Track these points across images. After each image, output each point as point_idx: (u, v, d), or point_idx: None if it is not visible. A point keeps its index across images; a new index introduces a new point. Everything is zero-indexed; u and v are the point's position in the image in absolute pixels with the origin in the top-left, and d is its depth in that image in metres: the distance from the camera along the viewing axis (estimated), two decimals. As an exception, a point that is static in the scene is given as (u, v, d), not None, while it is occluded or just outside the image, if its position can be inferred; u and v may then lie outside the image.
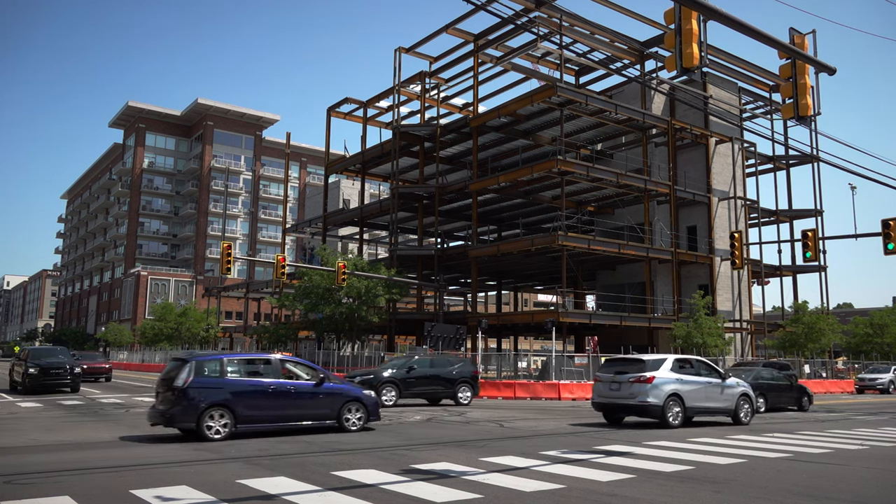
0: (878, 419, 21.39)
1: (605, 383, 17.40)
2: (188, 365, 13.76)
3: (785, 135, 51.79)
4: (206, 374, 13.88)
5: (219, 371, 14.08)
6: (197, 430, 13.35)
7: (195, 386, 13.53)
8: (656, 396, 16.40)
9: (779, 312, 53.68)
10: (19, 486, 8.52)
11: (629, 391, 16.71)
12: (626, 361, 18.03)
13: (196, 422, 13.33)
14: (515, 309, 77.03)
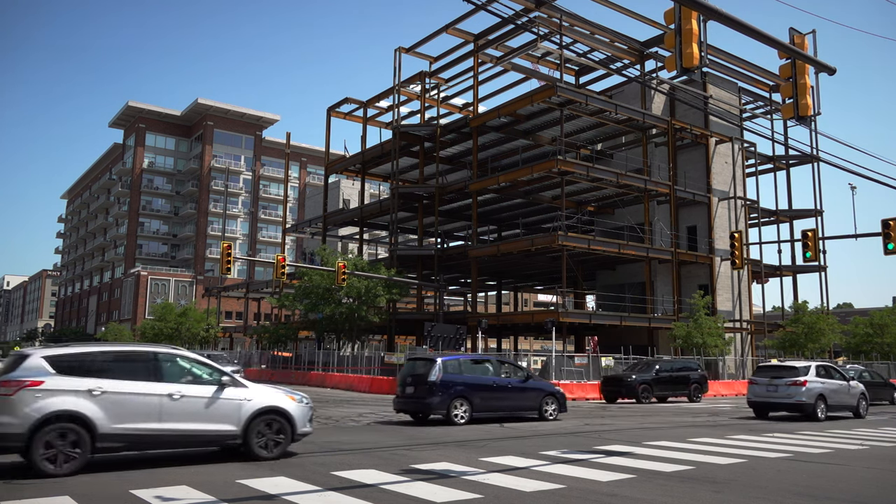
0: (878, 419, 21.40)
1: (762, 386, 20.90)
2: (437, 364, 17.12)
3: (785, 135, 51.81)
4: (450, 371, 17.22)
5: (459, 369, 17.55)
6: (447, 416, 16.81)
7: (445, 380, 16.94)
8: (808, 396, 19.88)
9: (779, 312, 53.68)
10: (19, 486, 8.52)
11: (786, 392, 20.24)
12: (779, 368, 21.46)
13: (446, 409, 16.76)
14: (515, 309, 77.03)
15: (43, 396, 9.41)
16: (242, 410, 10.83)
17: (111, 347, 10.73)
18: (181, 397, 10.33)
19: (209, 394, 10.60)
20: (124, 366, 10.31)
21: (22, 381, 9.41)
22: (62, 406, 9.45)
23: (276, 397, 11.33)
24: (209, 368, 10.96)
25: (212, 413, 10.56)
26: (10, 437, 9.10)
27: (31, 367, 9.64)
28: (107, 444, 9.76)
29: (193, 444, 10.72)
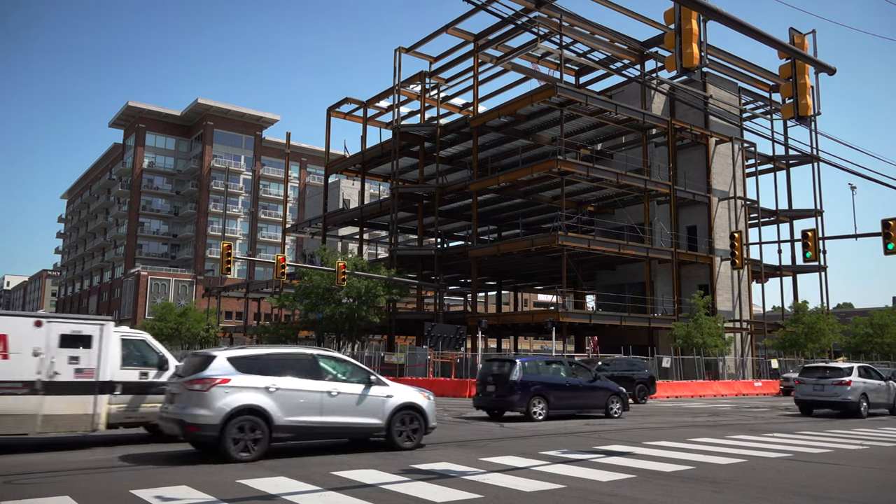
0: (878, 419, 21.41)
1: (809, 385, 22.78)
2: (517, 364, 18.70)
3: (785, 135, 51.81)
4: (528, 371, 18.81)
5: (536, 369, 19.19)
6: (526, 413, 18.29)
7: (525, 380, 18.50)
8: (854, 395, 21.68)
9: (779, 312, 53.68)
10: (19, 486, 8.52)
11: (832, 391, 22.07)
12: (825, 369, 23.02)
13: (526, 407, 18.24)
14: (515, 309, 77.01)
15: (230, 392, 10.81)
16: (386, 406, 12.21)
17: (278, 349, 12.32)
18: (338, 394, 11.76)
19: (359, 391, 12.02)
20: (290, 365, 11.67)
21: (214, 378, 10.77)
22: (246, 401, 10.85)
23: (412, 395, 12.72)
24: (358, 368, 12.51)
25: (362, 408, 12.01)
26: (207, 427, 10.52)
27: (218, 367, 10.97)
28: (280, 435, 11.21)
29: (346, 435, 12.27)
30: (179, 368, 11.89)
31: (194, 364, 11.33)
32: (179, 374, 11.52)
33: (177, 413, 10.84)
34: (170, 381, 11.92)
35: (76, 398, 11.96)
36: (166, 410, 11.29)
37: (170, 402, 11.32)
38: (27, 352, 11.59)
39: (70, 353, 11.96)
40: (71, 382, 11.92)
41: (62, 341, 11.95)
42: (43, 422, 11.61)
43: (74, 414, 11.95)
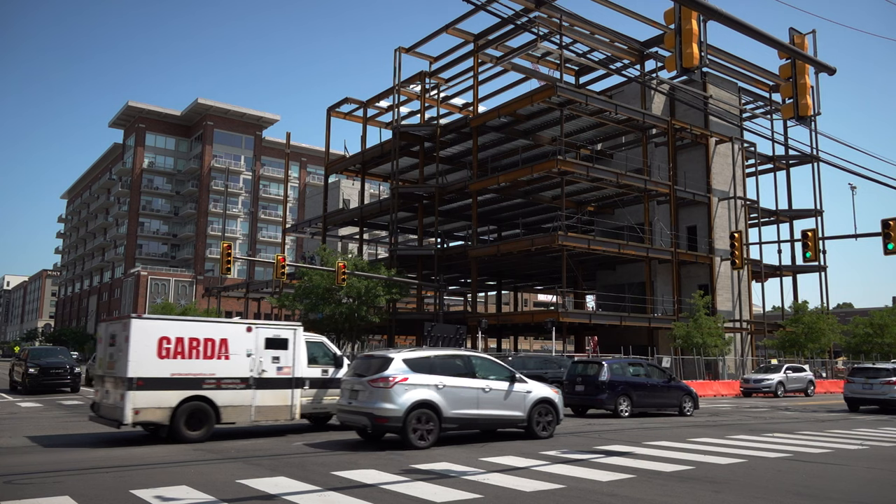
0: (878, 419, 21.40)
1: (858, 384, 24.69)
2: (605, 366, 20.59)
3: (785, 135, 51.80)
4: (615, 372, 20.67)
5: (622, 371, 21.11)
6: (614, 410, 20.10)
7: (612, 380, 20.36)
8: None
9: (779, 312, 53.67)
10: (19, 486, 8.52)
11: (880, 390, 24.12)
12: (873, 369, 25.01)
13: (614, 405, 20.03)
14: (515, 309, 77.02)
15: (409, 389, 12.62)
16: (526, 400, 14.06)
17: (442, 351, 14.14)
18: (490, 390, 13.58)
19: (505, 387, 13.82)
20: (451, 365, 13.52)
21: (395, 377, 12.59)
22: (422, 396, 12.69)
23: (546, 390, 14.58)
24: (503, 368, 14.30)
25: (508, 402, 13.84)
26: (393, 419, 12.38)
27: (397, 367, 12.78)
28: (447, 426, 13.00)
29: (496, 426, 13.93)
30: (353, 368, 13.86)
31: (374, 365, 13.13)
32: (359, 372, 13.31)
33: (365, 407, 12.66)
34: (346, 378, 13.71)
35: (279, 392, 14.37)
36: (350, 405, 13.10)
37: (353, 397, 13.11)
38: (242, 353, 13.94)
39: (273, 354, 14.36)
40: (275, 379, 14.31)
41: (267, 344, 14.34)
42: (255, 412, 14.00)
43: (278, 405, 14.36)
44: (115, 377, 13.07)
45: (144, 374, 12.73)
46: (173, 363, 13.05)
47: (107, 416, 13.24)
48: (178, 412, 12.97)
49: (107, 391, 13.47)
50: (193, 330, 13.64)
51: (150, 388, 12.75)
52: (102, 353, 14.19)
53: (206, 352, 13.49)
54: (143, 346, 12.79)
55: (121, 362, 12.86)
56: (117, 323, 13.66)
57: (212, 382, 13.43)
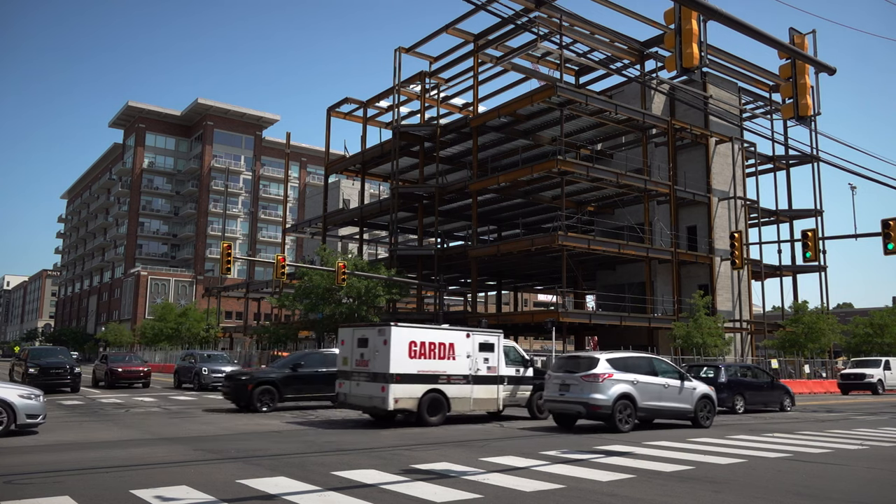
0: (878, 419, 21.39)
1: None
2: (723, 369, 23.25)
3: (785, 135, 51.78)
4: (731, 374, 23.54)
5: (735, 373, 24.03)
6: (731, 407, 22.63)
7: (730, 381, 23.03)
8: None
9: (779, 312, 53.65)
10: (19, 486, 8.52)
11: None
12: None
13: (731, 402, 22.56)
14: (515, 309, 77.01)
15: (614, 384, 15.64)
16: (693, 395, 17.06)
17: (632, 354, 17.32)
18: (668, 386, 16.61)
19: (678, 384, 16.83)
20: (640, 365, 16.60)
21: (605, 374, 15.63)
22: (624, 389, 15.67)
23: (706, 387, 17.69)
24: (675, 368, 17.60)
25: (680, 397, 16.86)
26: (604, 408, 15.39)
27: (603, 366, 15.78)
28: (640, 415, 16.00)
29: (672, 416, 16.88)
30: (560, 366, 16.98)
31: (583, 363, 16.18)
32: (568, 370, 16.38)
33: (579, 398, 15.67)
34: (554, 374, 16.66)
35: (489, 387, 17.78)
36: (563, 396, 16.10)
37: (564, 390, 16.12)
38: (464, 355, 17.29)
39: (484, 356, 17.73)
40: (486, 376, 17.72)
41: (480, 347, 17.72)
42: (473, 403, 17.44)
43: (488, 398, 17.73)
44: (371, 373, 16.36)
45: (401, 370, 16.13)
46: (419, 362, 16.48)
47: (360, 405, 16.88)
48: (423, 401, 16.41)
49: (357, 384, 16.80)
50: (431, 335, 16.92)
51: (404, 382, 16.17)
52: (349, 353, 17.29)
53: (440, 353, 16.88)
54: (399, 348, 16.14)
55: (380, 361, 16.11)
56: (371, 328, 17.17)
57: (444, 378, 16.88)
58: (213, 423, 16.92)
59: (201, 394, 28.83)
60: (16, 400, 13.53)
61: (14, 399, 13.52)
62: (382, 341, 16.14)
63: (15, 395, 13.64)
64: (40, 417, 13.86)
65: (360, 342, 16.99)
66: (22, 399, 13.62)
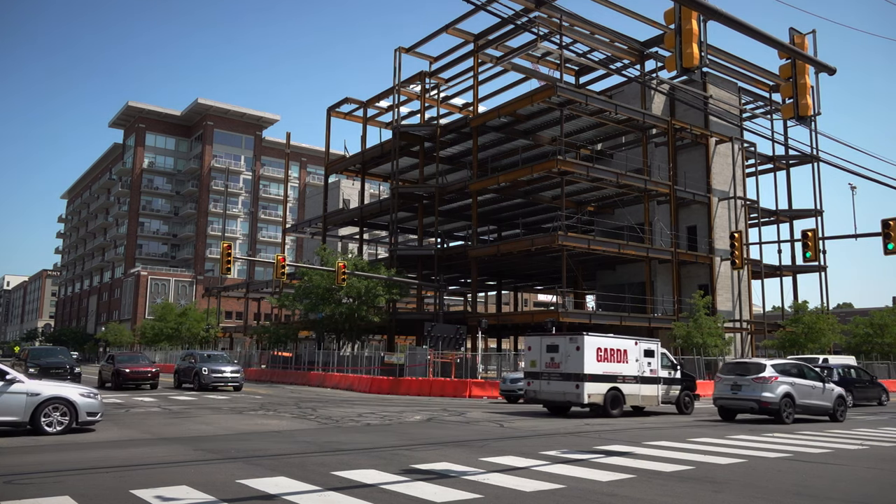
0: (878, 419, 21.41)
1: None
2: (834, 370, 26.15)
3: (785, 135, 51.77)
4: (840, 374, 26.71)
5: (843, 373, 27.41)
6: None
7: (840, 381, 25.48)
8: None
9: (779, 312, 53.63)
10: (19, 486, 8.52)
11: None
12: None
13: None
14: (515, 309, 77.01)
15: (779, 385, 19.12)
16: (832, 394, 20.28)
17: (788, 361, 21.12)
18: (814, 387, 19.86)
19: (821, 385, 20.10)
20: (792, 369, 19.81)
21: (773, 377, 19.12)
22: (786, 390, 19.10)
23: (840, 388, 20.87)
24: (817, 372, 20.72)
25: (823, 396, 20.09)
26: (773, 404, 18.88)
27: (770, 370, 19.24)
28: (797, 412, 19.44)
29: (816, 413, 20.12)
30: (729, 370, 20.25)
31: (752, 368, 19.68)
32: (738, 373, 19.71)
33: (752, 396, 19.04)
34: (724, 377, 19.99)
35: (651, 386, 21.36)
36: (735, 395, 19.44)
37: (736, 390, 19.48)
38: (633, 359, 20.91)
39: (647, 360, 21.29)
40: (649, 377, 21.28)
41: (644, 353, 21.24)
42: (640, 399, 21.21)
43: (650, 395, 21.38)
44: (563, 373, 20.07)
45: (592, 371, 19.74)
46: (603, 365, 20.07)
47: (551, 399, 20.71)
48: (607, 397, 20.00)
49: (548, 382, 20.54)
50: (610, 343, 20.52)
51: (594, 381, 19.72)
52: (537, 357, 20.95)
53: (617, 358, 20.47)
54: (590, 353, 19.75)
55: (574, 363, 19.81)
56: (561, 337, 20.83)
57: (620, 378, 20.45)
58: (213, 423, 16.93)
59: (201, 394, 28.84)
60: (77, 399, 14.14)
61: (76, 398, 14.13)
62: (575, 347, 19.90)
63: (77, 394, 14.26)
64: (98, 415, 14.49)
65: (548, 348, 20.73)
66: (83, 398, 14.24)
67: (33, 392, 13.63)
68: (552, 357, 20.49)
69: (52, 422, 13.73)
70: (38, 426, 13.59)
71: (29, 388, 13.65)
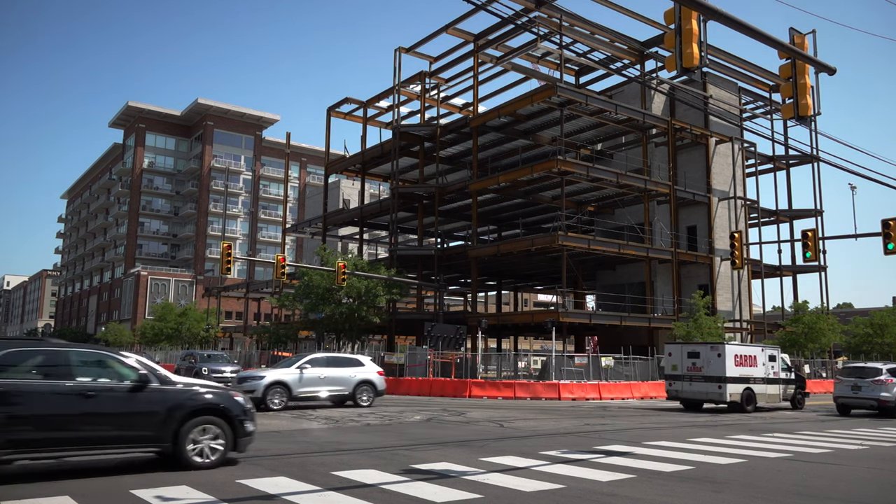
0: (877, 419, 21.40)
1: None
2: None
3: (785, 135, 51.78)
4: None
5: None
6: None
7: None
8: None
9: (779, 312, 53.64)
10: (19, 486, 8.52)
11: None
12: None
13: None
14: (515, 309, 77.01)
15: (893, 386, 22.68)
16: None
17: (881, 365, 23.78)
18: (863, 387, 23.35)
19: None
20: None
21: (889, 379, 22.61)
22: None
23: None
24: None
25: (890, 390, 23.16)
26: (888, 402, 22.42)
27: (885, 374, 22.68)
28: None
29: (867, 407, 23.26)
30: (848, 373, 24.00)
31: (869, 372, 22.99)
32: (857, 375, 23.23)
33: (872, 395, 22.50)
34: (844, 379, 23.82)
35: (774, 386, 25.15)
36: (855, 394, 23.00)
37: (855, 391, 23.06)
38: (760, 363, 24.73)
39: (770, 364, 25.12)
40: (773, 378, 25.09)
41: (768, 358, 25.10)
42: (766, 398, 24.88)
43: (774, 394, 25.15)
44: (705, 376, 23.80)
45: (731, 374, 23.54)
46: (739, 369, 23.92)
47: (694, 398, 24.34)
48: (743, 395, 23.76)
49: (690, 384, 24.25)
50: (743, 350, 24.74)
51: (733, 383, 23.54)
52: (678, 361, 24.83)
53: (749, 362, 24.24)
54: (730, 359, 23.64)
55: (716, 368, 23.62)
56: (703, 345, 24.89)
57: (752, 380, 24.22)
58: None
59: (201, 394, 28.77)
60: None
61: None
62: (716, 354, 23.77)
63: None
64: None
65: (689, 355, 24.54)
66: None
67: None
68: (693, 362, 24.23)
69: None
70: None
71: None
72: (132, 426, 9.26)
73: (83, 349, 9.87)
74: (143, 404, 9.30)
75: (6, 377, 8.66)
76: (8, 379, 8.63)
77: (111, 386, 9.26)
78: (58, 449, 8.89)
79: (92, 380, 9.22)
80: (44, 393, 8.77)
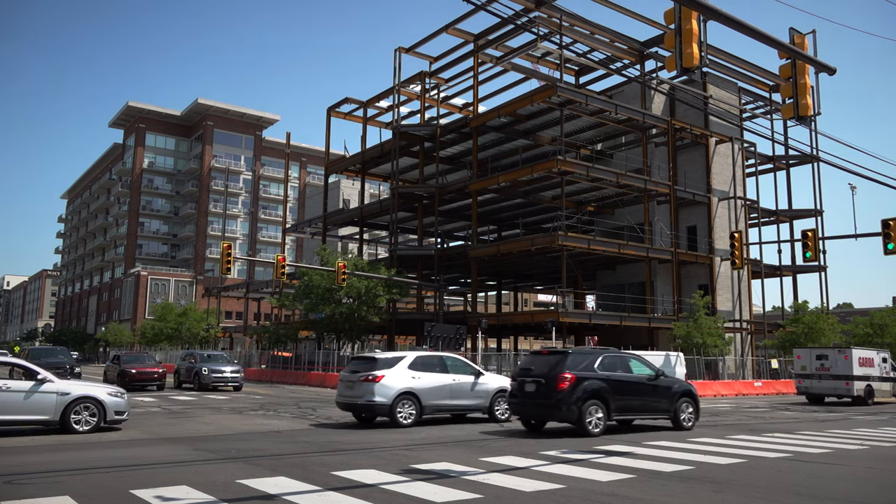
0: (877, 419, 21.39)
1: None
2: None
3: (785, 135, 51.77)
4: None
5: None
6: None
7: None
8: None
9: (779, 312, 53.63)
10: (19, 486, 8.52)
11: None
12: None
13: None
14: (515, 309, 77.00)
15: None
16: None
17: None
18: None
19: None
20: None
21: None
22: None
23: None
24: None
25: None
26: None
27: None
28: None
29: None
30: None
31: None
32: None
33: None
34: None
35: (887, 384, 28.69)
36: None
37: None
38: (877, 364, 28.49)
39: (884, 365, 28.82)
40: (886, 377, 28.57)
41: (881, 359, 28.81)
42: (881, 394, 28.09)
43: (886, 390, 28.51)
44: (834, 375, 27.46)
45: (857, 373, 27.30)
46: (862, 368, 27.52)
47: (823, 393, 28.24)
48: (865, 391, 27.39)
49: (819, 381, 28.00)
50: (863, 353, 28.26)
51: (858, 380, 27.20)
52: (807, 363, 28.63)
53: (869, 363, 28.01)
54: (855, 360, 27.36)
55: (843, 368, 27.26)
56: (830, 349, 28.75)
57: (871, 378, 27.75)
58: (213, 423, 16.92)
59: (201, 394, 28.85)
60: (105, 398, 14.29)
61: (104, 397, 14.29)
62: (843, 357, 27.56)
63: (104, 393, 14.42)
64: (125, 414, 14.64)
65: (817, 357, 28.40)
66: (110, 397, 14.40)
67: (63, 391, 13.81)
68: (822, 363, 28.13)
69: (81, 420, 13.91)
70: (68, 425, 13.76)
71: (59, 387, 13.81)
72: None
73: None
74: None
75: None
76: None
77: None
78: None
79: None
80: None
